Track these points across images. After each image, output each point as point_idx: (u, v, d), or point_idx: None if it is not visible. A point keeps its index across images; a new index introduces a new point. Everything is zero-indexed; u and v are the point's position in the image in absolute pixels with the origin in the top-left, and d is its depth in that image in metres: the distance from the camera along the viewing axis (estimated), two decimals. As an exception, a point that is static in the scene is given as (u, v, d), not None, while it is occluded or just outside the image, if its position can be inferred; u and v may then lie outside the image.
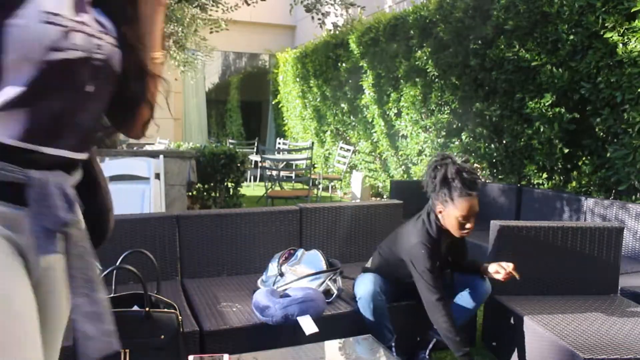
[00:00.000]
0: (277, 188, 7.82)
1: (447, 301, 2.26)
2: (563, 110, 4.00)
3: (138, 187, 4.48)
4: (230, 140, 11.41)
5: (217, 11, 7.03)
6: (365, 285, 2.33)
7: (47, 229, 0.85)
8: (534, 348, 2.20)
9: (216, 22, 7.41)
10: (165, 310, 1.87)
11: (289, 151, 9.31)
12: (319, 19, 6.72)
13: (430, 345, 2.46)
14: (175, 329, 1.82)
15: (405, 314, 2.48)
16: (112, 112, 1.00)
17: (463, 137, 5.26)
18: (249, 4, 6.64)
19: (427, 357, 2.45)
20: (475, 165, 5.39)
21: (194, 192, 5.84)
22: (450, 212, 2.19)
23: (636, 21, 3.38)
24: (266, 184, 7.13)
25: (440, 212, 2.24)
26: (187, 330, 2.06)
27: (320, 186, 7.90)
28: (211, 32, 7.53)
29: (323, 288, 2.50)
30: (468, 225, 2.19)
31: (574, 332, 2.08)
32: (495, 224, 2.59)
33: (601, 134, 3.79)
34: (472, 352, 2.28)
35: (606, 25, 3.54)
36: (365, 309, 2.31)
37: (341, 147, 8.34)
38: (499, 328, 2.58)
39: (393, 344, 2.38)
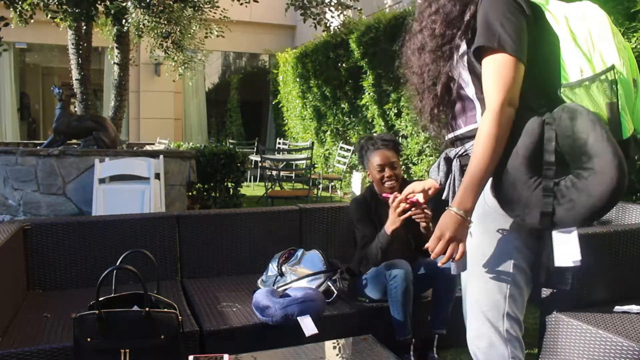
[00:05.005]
0: (277, 188, 7.82)
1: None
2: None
3: (138, 187, 4.48)
4: (230, 140, 11.40)
5: (214, 14, 7.02)
6: (400, 266, 2.33)
7: None
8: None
9: (210, 25, 7.41)
10: (165, 310, 1.87)
11: (289, 151, 9.31)
12: (314, 19, 6.73)
13: (435, 342, 2.45)
14: (175, 329, 1.82)
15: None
16: None
17: (463, 137, 5.26)
18: (241, 4, 6.64)
19: (436, 356, 2.44)
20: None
21: (194, 192, 5.84)
22: (371, 170, 2.55)
23: (636, 21, 3.38)
24: (266, 184, 7.13)
25: (369, 175, 2.57)
26: (187, 330, 2.06)
27: (320, 186, 7.89)
28: (206, 37, 7.53)
29: (323, 288, 2.50)
30: (386, 174, 2.49)
31: None
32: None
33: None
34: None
35: (606, 25, 3.54)
36: (398, 289, 2.29)
37: (341, 147, 8.34)
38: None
39: (413, 340, 2.37)
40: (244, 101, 13.47)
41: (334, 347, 1.96)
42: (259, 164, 8.42)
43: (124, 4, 5.72)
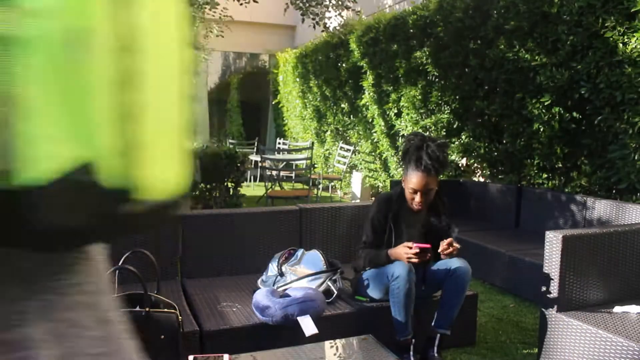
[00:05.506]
0: (277, 188, 7.82)
1: (369, 250, 2.51)
2: (562, 110, 4.00)
3: (138, 187, 4.48)
4: (230, 140, 11.41)
5: (214, 14, 7.03)
6: (402, 266, 2.29)
7: None
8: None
9: (210, 24, 7.43)
10: (165, 310, 1.88)
11: (289, 151, 9.31)
12: (313, 19, 6.74)
13: (437, 342, 2.44)
14: (175, 329, 1.83)
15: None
16: None
17: (463, 137, 5.26)
18: (241, 4, 6.65)
19: (436, 354, 2.43)
20: (475, 165, 5.39)
21: (197, 192, 5.84)
22: (406, 183, 2.47)
23: (636, 21, 3.38)
24: (266, 184, 7.13)
25: (403, 181, 2.51)
26: (187, 330, 2.06)
27: (320, 186, 7.89)
28: (206, 37, 7.55)
29: (323, 288, 2.50)
30: (416, 199, 2.42)
31: None
32: (555, 235, 2.28)
33: (601, 134, 3.79)
34: (471, 352, 2.27)
35: (606, 25, 3.54)
36: (400, 290, 2.27)
37: (341, 147, 8.34)
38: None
39: (413, 341, 2.37)
40: (244, 101, 13.48)
41: (334, 347, 1.96)
42: (259, 164, 8.42)
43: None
